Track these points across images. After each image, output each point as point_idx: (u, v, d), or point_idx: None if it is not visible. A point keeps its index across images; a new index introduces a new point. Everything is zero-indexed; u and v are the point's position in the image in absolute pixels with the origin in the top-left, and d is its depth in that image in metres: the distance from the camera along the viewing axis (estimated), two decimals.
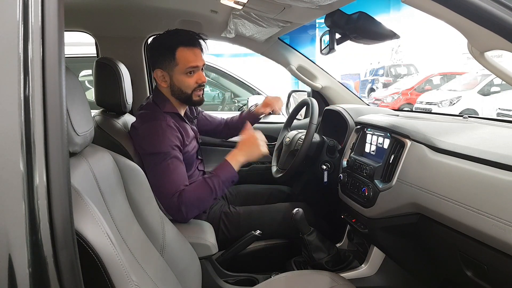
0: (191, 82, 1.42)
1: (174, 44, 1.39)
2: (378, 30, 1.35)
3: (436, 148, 0.98)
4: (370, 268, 1.50)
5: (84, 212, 0.65)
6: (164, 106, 1.43)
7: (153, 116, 1.39)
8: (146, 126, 1.37)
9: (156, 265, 0.97)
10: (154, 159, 1.32)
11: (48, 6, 0.50)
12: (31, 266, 0.50)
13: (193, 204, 1.29)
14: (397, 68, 14.00)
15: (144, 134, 1.36)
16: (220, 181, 1.31)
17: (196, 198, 1.29)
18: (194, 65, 1.40)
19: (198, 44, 1.43)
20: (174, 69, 1.41)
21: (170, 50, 1.39)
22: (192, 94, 1.44)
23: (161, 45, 1.42)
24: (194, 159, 1.54)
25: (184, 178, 1.33)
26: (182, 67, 1.40)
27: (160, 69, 1.42)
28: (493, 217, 0.76)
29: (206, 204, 1.36)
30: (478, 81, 8.73)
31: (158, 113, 1.40)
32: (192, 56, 1.40)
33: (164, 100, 1.45)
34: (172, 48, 1.39)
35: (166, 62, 1.40)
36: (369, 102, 3.72)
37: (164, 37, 1.42)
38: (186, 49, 1.39)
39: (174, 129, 1.37)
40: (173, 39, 1.40)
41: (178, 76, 1.41)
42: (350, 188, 1.37)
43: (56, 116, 0.51)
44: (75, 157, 0.85)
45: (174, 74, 1.41)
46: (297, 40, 8.13)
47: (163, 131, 1.34)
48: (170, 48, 1.39)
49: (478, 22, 0.76)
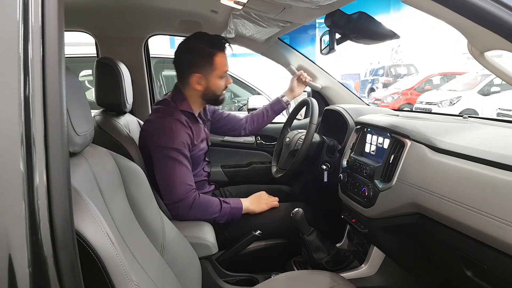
0: (223, 84, 1.50)
1: (212, 50, 1.42)
2: (378, 30, 1.35)
3: (436, 148, 0.98)
4: (370, 268, 1.50)
5: (84, 212, 0.65)
6: (181, 105, 1.46)
7: (170, 112, 1.42)
8: (161, 121, 1.40)
9: (156, 265, 0.97)
10: (165, 152, 1.35)
11: (48, 6, 0.50)
12: (31, 266, 0.50)
13: (202, 209, 1.39)
14: (397, 68, 14.00)
15: (159, 128, 1.39)
16: (228, 210, 1.44)
17: (206, 205, 1.40)
18: (227, 70, 1.49)
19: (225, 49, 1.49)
20: (212, 73, 1.45)
21: (209, 56, 1.42)
22: (221, 95, 1.53)
23: (197, 50, 1.43)
24: (201, 160, 1.56)
25: (191, 177, 1.40)
26: (219, 72, 1.46)
27: (196, 73, 1.44)
28: (493, 217, 0.76)
29: (207, 216, 1.42)
30: (478, 81, 8.73)
31: (174, 110, 1.43)
32: (226, 61, 1.48)
33: (182, 99, 1.48)
34: (211, 54, 1.42)
35: (205, 67, 1.43)
36: (369, 102, 3.72)
37: (198, 42, 1.43)
38: (222, 55, 1.45)
39: (186, 127, 1.41)
40: (211, 44, 1.43)
41: (214, 80, 1.46)
42: (350, 188, 1.37)
43: (56, 116, 0.51)
44: (75, 157, 0.85)
45: (211, 78, 1.45)
46: (297, 40, 8.14)
47: (178, 127, 1.38)
48: (209, 54, 1.42)
49: (478, 22, 0.76)
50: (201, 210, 1.39)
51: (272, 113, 1.85)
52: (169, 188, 1.35)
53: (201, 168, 1.58)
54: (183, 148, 1.37)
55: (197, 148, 1.48)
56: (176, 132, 1.37)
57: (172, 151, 1.35)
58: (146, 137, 1.44)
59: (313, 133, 1.55)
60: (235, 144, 2.22)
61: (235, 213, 1.46)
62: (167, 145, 1.35)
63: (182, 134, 1.38)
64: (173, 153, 1.35)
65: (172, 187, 1.35)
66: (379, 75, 13.81)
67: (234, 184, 1.91)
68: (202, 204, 1.39)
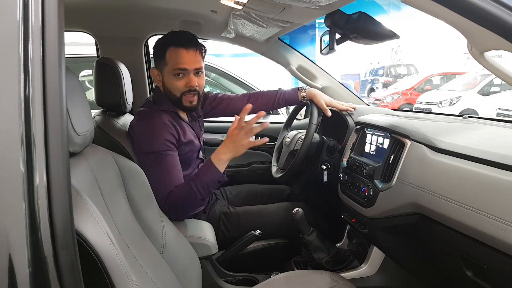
0: (179, 84, 1.37)
1: (165, 43, 1.37)
2: (378, 30, 1.35)
3: (436, 148, 0.98)
4: (370, 268, 1.50)
5: (84, 212, 0.65)
6: (162, 104, 1.42)
7: (149, 114, 1.39)
8: (141, 124, 1.38)
9: (156, 265, 0.97)
10: (148, 158, 1.32)
11: (48, 6, 0.50)
12: (31, 266, 0.50)
13: (180, 206, 1.27)
14: (397, 68, 14.00)
15: (139, 133, 1.37)
16: (204, 184, 1.25)
17: (182, 201, 1.27)
18: (182, 67, 1.34)
19: (191, 46, 1.36)
20: (164, 69, 1.38)
21: (162, 49, 1.37)
22: (182, 98, 1.39)
23: (156, 44, 1.41)
24: (193, 159, 1.52)
25: (176, 179, 1.30)
26: (170, 67, 1.36)
27: (155, 68, 1.42)
28: (493, 217, 0.76)
29: (194, 206, 1.33)
30: (478, 81, 8.73)
31: (155, 111, 1.39)
32: (181, 57, 1.34)
33: (162, 99, 1.44)
34: (164, 47, 1.37)
35: (159, 61, 1.40)
36: (369, 102, 3.71)
37: (162, 37, 1.42)
38: (176, 50, 1.34)
39: (169, 126, 1.35)
40: (167, 38, 1.38)
41: (167, 76, 1.38)
42: (350, 188, 1.37)
43: (56, 116, 0.51)
44: (75, 157, 0.85)
45: (164, 74, 1.39)
46: (297, 40, 8.12)
47: (158, 129, 1.33)
48: (162, 47, 1.37)
49: (478, 22, 0.76)
50: (182, 208, 1.28)
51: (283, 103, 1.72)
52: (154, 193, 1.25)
53: (194, 167, 1.53)
54: (165, 149, 1.30)
55: (186, 148, 1.42)
56: (157, 134, 1.31)
57: (152, 155, 1.30)
58: (133, 143, 1.40)
59: (313, 133, 1.55)
60: None
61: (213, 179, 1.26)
62: (148, 150, 1.31)
63: (163, 134, 1.31)
64: (152, 157, 1.30)
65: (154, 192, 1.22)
66: (379, 75, 13.81)
67: (234, 184, 1.91)
68: (178, 202, 1.26)
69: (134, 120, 1.43)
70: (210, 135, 2.15)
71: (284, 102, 1.73)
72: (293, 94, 1.70)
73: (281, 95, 1.71)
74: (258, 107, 1.67)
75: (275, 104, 1.72)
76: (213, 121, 2.21)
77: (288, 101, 1.73)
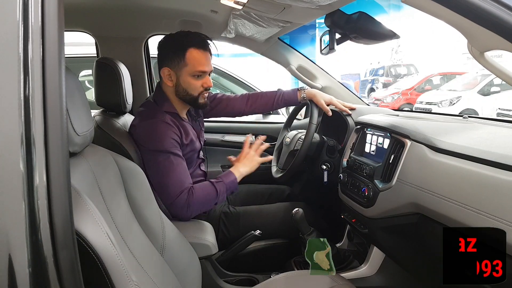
0: (197, 84, 1.40)
1: (186, 44, 1.37)
2: (378, 30, 1.35)
3: (436, 148, 0.98)
4: (370, 268, 1.50)
5: (84, 212, 0.65)
6: (163, 106, 1.43)
7: (152, 114, 1.39)
8: (145, 124, 1.38)
9: (156, 265, 0.97)
10: (157, 157, 1.33)
11: (48, 6, 0.50)
12: (31, 266, 0.50)
13: (199, 203, 1.34)
14: (397, 68, 14.00)
15: (144, 133, 1.37)
16: (225, 187, 1.38)
17: (204, 198, 1.34)
18: (203, 70, 1.38)
19: (209, 49, 1.40)
20: (183, 70, 1.38)
21: (181, 50, 1.36)
22: (199, 97, 1.43)
23: (172, 43, 1.39)
24: (194, 159, 1.53)
25: (188, 176, 1.37)
26: (191, 68, 1.37)
27: (168, 67, 1.40)
28: (493, 217, 0.76)
29: (208, 206, 1.41)
30: (478, 81, 8.73)
31: (157, 112, 1.40)
32: (203, 59, 1.38)
33: (164, 100, 1.44)
34: (183, 48, 1.36)
35: (175, 61, 1.37)
36: (369, 102, 3.71)
37: (176, 36, 1.40)
38: (197, 51, 1.37)
39: (172, 126, 1.37)
40: (186, 39, 1.38)
41: (185, 77, 1.39)
42: (350, 188, 1.37)
43: (56, 116, 0.51)
44: (75, 157, 0.85)
45: (181, 74, 1.39)
46: (297, 40, 8.12)
47: (164, 129, 1.35)
48: (181, 47, 1.36)
49: (478, 22, 0.76)
50: (200, 204, 1.35)
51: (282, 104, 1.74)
52: (164, 191, 1.32)
53: (195, 167, 1.55)
54: (173, 148, 1.34)
55: (188, 148, 1.44)
56: (163, 133, 1.34)
57: (162, 153, 1.32)
58: (135, 142, 1.40)
59: (313, 133, 1.55)
60: (235, 144, 2.22)
61: (231, 187, 1.41)
62: (157, 149, 1.32)
63: (169, 134, 1.34)
64: (164, 156, 1.32)
65: (166, 190, 1.32)
66: (379, 75, 13.80)
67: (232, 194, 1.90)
68: (199, 198, 1.33)
69: (136, 120, 1.43)
70: (210, 135, 2.15)
71: (283, 102, 1.73)
72: (292, 95, 1.71)
73: (280, 96, 1.71)
74: (257, 108, 1.72)
75: (274, 105, 1.73)
76: (213, 121, 2.21)
77: (287, 101, 1.74)
